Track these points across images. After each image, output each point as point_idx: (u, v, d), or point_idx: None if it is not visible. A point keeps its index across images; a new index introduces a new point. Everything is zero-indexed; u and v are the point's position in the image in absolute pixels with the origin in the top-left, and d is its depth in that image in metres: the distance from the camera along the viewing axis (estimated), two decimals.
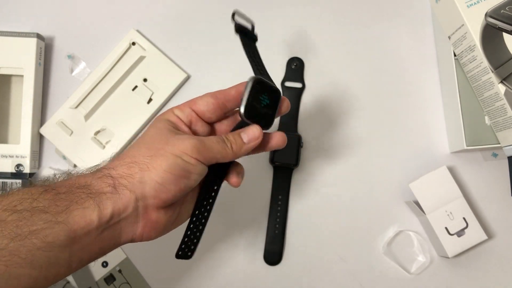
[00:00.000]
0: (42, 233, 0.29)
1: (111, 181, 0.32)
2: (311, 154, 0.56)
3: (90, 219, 0.31)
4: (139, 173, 0.33)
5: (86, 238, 0.31)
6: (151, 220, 0.34)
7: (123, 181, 0.32)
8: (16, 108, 0.57)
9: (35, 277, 0.29)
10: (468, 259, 0.54)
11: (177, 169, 0.33)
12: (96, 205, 0.31)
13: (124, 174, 0.33)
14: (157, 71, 0.57)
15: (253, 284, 0.54)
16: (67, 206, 0.30)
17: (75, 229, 0.30)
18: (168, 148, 0.33)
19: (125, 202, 0.32)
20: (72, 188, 0.31)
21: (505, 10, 0.48)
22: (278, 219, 0.55)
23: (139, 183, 0.32)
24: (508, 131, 0.48)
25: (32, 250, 0.28)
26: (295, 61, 0.57)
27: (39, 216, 0.29)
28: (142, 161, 0.33)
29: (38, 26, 0.58)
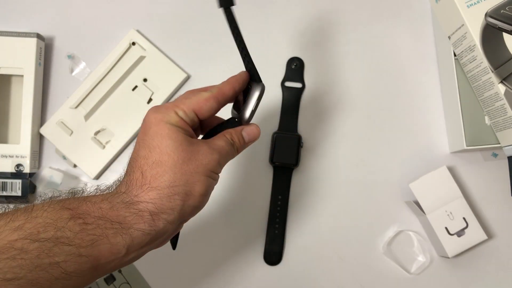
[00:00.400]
0: (62, 265, 0.28)
1: (149, 216, 0.31)
2: (311, 154, 0.56)
3: (118, 251, 0.30)
4: (179, 206, 0.32)
5: (110, 265, 0.30)
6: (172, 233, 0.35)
7: (164, 216, 0.32)
8: (16, 108, 0.57)
9: None
10: (468, 259, 0.54)
11: (210, 188, 0.34)
12: (128, 241, 0.30)
13: (166, 207, 0.32)
14: (157, 71, 0.57)
15: (253, 284, 0.54)
16: (94, 240, 0.29)
17: (100, 259, 0.29)
18: (202, 170, 0.33)
19: (162, 233, 0.32)
20: (102, 222, 0.30)
21: (505, 10, 0.48)
22: (278, 219, 0.55)
23: (179, 214, 0.32)
24: (508, 131, 0.48)
25: (51, 280, 0.27)
26: (295, 61, 0.57)
27: (62, 248, 0.28)
28: (182, 190, 0.32)
29: (38, 26, 0.58)
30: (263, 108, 0.57)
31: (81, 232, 0.29)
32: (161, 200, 0.31)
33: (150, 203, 0.31)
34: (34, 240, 0.27)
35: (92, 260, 0.29)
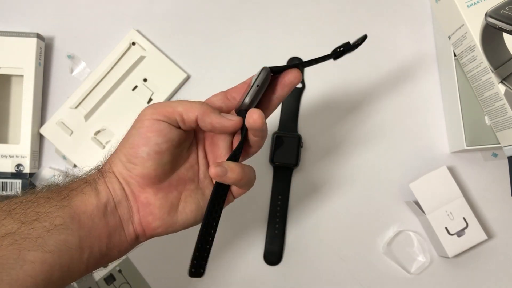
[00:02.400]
0: (49, 216, 0.29)
1: (99, 169, 0.34)
2: (311, 154, 0.56)
3: (90, 202, 0.31)
4: (113, 157, 0.34)
5: (90, 222, 0.31)
6: (141, 201, 0.33)
7: (106, 167, 0.34)
8: (16, 108, 0.57)
9: (50, 263, 0.28)
10: (468, 259, 0.54)
11: (134, 140, 0.32)
12: (93, 189, 0.32)
13: (108, 161, 0.34)
14: (157, 71, 0.57)
15: (253, 284, 0.54)
16: (68, 194, 0.31)
17: (78, 212, 0.31)
18: (133, 125, 0.33)
19: (112, 184, 0.33)
20: (71, 181, 0.33)
21: (505, 10, 0.48)
22: (278, 219, 0.55)
23: (115, 166, 0.33)
24: (508, 131, 0.48)
25: (42, 233, 0.29)
26: (295, 61, 0.57)
27: (45, 203, 0.30)
28: (115, 147, 0.34)
29: (38, 26, 0.58)
30: None
31: (58, 191, 0.32)
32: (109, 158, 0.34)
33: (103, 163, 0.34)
34: (20, 203, 0.30)
35: (71, 212, 0.30)
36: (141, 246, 0.53)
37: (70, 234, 0.30)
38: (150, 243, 0.56)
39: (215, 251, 0.55)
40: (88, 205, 0.31)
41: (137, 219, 0.34)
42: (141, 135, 0.32)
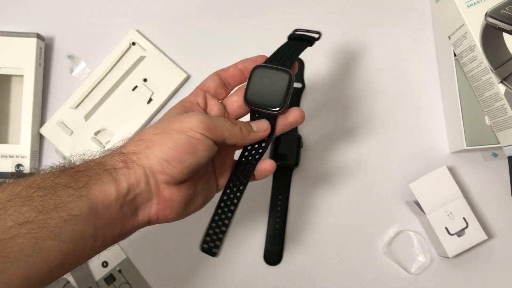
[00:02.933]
0: (67, 206, 0.29)
1: (122, 157, 0.33)
2: (311, 154, 0.56)
3: (110, 193, 0.32)
4: (144, 150, 0.34)
5: (107, 213, 0.31)
6: (164, 197, 0.34)
7: (133, 157, 0.33)
8: (16, 108, 0.57)
9: (64, 252, 0.29)
10: (468, 259, 0.54)
11: (181, 146, 0.33)
12: (113, 179, 0.32)
13: (133, 151, 0.34)
14: (157, 71, 0.57)
15: (253, 284, 0.54)
16: (87, 182, 0.31)
17: (96, 202, 0.31)
18: (173, 126, 0.34)
19: (137, 176, 0.33)
20: (89, 166, 0.32)
21: (505, 10, 0.48)
22: (278, 219, 0.55)
23: (146, 159, 0.33)
24: (508, 131, 0.48)
25: (59, 223, 0.29)
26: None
27: (62, 191, 0.30)
28: (148, 138, 0.34)
29: (38, 26, 0.58)
30: None
31: (75, 176, 0.31)
32: (130, 145, 0.34)
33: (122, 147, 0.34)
34: (37, 188, 0.29)
35: (90, 202, 0.31)
36: (141, 246, 0.53)
37: (86, 224, 0.30)
38: (150, 243, 0.56)
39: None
40: (107, 196, 0.31)
41: (154, 210, 0.35)
42: (191, 144, 0.33)
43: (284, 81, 0.38)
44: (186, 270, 0.55)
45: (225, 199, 0.38)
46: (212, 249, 0.37)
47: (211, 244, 0.37)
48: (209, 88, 0.39)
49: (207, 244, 0.37)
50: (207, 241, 0.37)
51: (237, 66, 0.40)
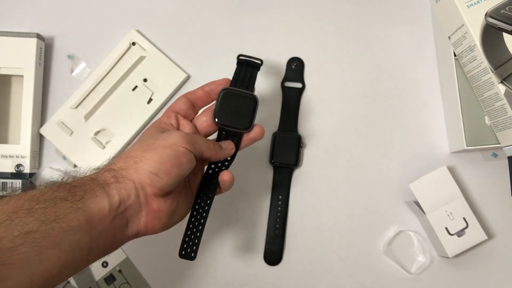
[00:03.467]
0: (66, 217, 0.32)
1: (113, 173, 0.36)
2: (311, 154, 0.56)
3: (103, 206, 0.34)
4: (133, 165, 0.37)
5: (101, 225, 0.34)
6: (153, 208, 0.37)
7: (123, 172, 0.37)
8: (16, 108, 0.57)
9: (63, 260, 0.32)
10: (468, 259, 0.54)
11: (168, 159, 0.37)
12: (106, 193, 0.35)
13: (122, 167, 0.37)
14: (157, 71, 0.57)
15: (253, 284, 0.55)
16: (82, 196, 0.34)
17: (92, 214, 0.34)
18: (158, 142, 0.38)
19: (128, 190, 0.36)
20: (83, 181, 0.35)
21: (505, 10, 0.48)
22: (278, 219, 0.55)
23: (135, 173, 0.36)
24: (508, 131, 0.48)
25: (60, 233, 0.31)
26: (295, 61, 0.57)
27: (61, 204, 0.32)
28: (136, 155, 0.37)
29: (38, 26, 0.58)
30: (263, 108, 0.57)
31: (71, 191, 0.34)
32: (119, 162, 0.37)
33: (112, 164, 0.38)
34: (38, 201, 0.32)
35: (86, 214, 0.33)
36: (141, 246, 0.54)
37: (83, 235, 0.33)
38: (150, 243, 0.56)
39: (216, 250, 0.55)
40: (101, 208, 0.34)
41: (143, 221, 0.38)
42: (176, 157, 0.37)
43: (251, 104, 0.44)
44: (186, 270, 0.55)
45: (196, 209, 0.43)
46: (190, 254, 0.42)
47: (188, 250, 0.42)
48: (180, 110, 0.44)
49: (184, 251, 0.42)
50: (184, 248, 0.42)
51: (204, 89, 0.45)
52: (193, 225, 0.42)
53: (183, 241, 0.42)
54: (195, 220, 0.42)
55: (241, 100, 0.44)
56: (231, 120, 0.44)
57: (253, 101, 0.44)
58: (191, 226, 0.42)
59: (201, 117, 0.45)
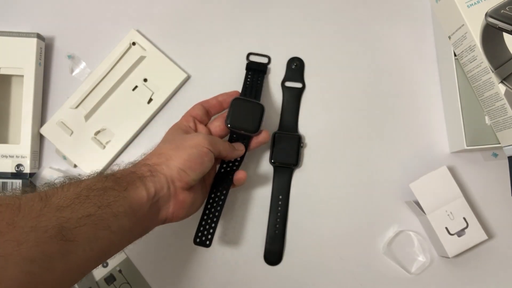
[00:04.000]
0: (115, 204, 0.37)
1: (148, 168, 0.42)
2: (311, 154, 0.56)
3: (142, 195, 0.40)
4: (165, 162, 0.42)
5: (140, 211, 0.40)
6: (179, 199, 0.43)
7: (157, 167, 0.42)
8: (16, 108, 0.57)
9: (112, 240, 0.37)
10: (468, 259, 0.54)
11: (194, 158, 0.43)
12: (143, 185, 0.40)
13: (156, 162, 0.43)
14: (157, 71, 0.57)
15: (253, 284, 0.55)
16: (126, 187, 0.39)
17: (133, 203, 0.39)
18: (186, 143, 0.44)
19: (161, 183, 0.41)
20: (125, 174, 0.41)
21: (505, 10, 0.48)
22: (278, 219, 0.55)
23: (167, 168, 0.42)
24: (508, 131, 0.48)
25: (111, 217, 0.37)
26: (295, 61, 0.57)
27: (111, 192, 0.38)
28: (167, 153, 0.43)
29: (38, 26, 0.58)
30: None
31: (116, 182, 0.39)
32: (152, 158, 0.43)
33: (146, 159, 0.44)
34: (92, 189, 0.37)
35: (129, 202, 0.38)
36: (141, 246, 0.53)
37: (127, 219, 0.38)
38: (151, 243, 0.56)
39: (216, 250, 0.55)
40: (140, 197, 0.40)
41: (171, 210, 0.43)
42: (201, 157, 0.44)
43: (258, 111, 0.51)
44: (186, 270, 0.55)
45: (211, 202, 0.49)
46: (205, 242, 0.48)
47: (203, 238, 0.48)
48: (197, 115, 0.50)
49: (199, 238, 0.48)
50: (199, 236, 0.48)
51: (218, 99, 0.51)
52: (208, 216, 0.49)
53: (198, 229, 0.48)
54: (210, 212, 0.49)
55: (250, 107, 0.51)
56: (241, 124, 0.50)
57: (261, 109, 0.51)
58: (206, 217, 0.49)
59: (215, 123, 0.51)
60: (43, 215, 0.33)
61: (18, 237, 0.31)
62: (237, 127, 0.50)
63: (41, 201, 0.34)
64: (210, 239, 0.48)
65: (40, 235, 0.32)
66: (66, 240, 0.33)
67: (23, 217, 0.32)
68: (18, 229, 0.31)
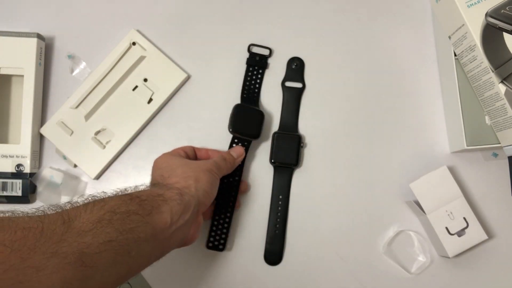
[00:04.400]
0: (137, 229, 0.37)
1: (177, 191, 0.42)
2: (311, 154, 0.56)
3: (166, 221, 0.40)
4: (194, 184, 0.44)
5: (162, 235, 0.40)
6: (198, 221, 0.45)
7: (186, 190, 0.43)
8: (17, 108, 0.57)
9: (130, 265, 0.37)
10: (468, 259, 0.54)
11: (212, 181, 0.46)
12: (169, 210, 0.40)
13: (185, 185, 0.43)
14: (157, 71, 0.57)
15: (253, 284, 0.54)
16: (150, 211, 0.39)
17: (156, 228, 0.39)
18: (203, 167, 0.46)
19: (189, 205, 0.42)
20: (151, 196, 0.40)
21: (505, 10, 0.48)
22: (278, 219, 0.55)
23: (196, 191, 0.43)
24: (508, 131, 0.48)
25: (131, 243, 0.37)
26: (295, 61, 0.57)
27: (133, 217, 0.38)
28: (192, 175, 0.44)
29: (38, 26, 0.58)
30: (263, 108, 0.57)
31: (141, 205, 0.39)
32: (180, 182, 0.44)
33: (175, 184, 0.43)
34: (115, 213, 0.37)
35: (151, 228, 0.39)
36: None
37: (147, 245, 0.38)
38: None
39: (216, 250, 0.55)
40: (164, 222, 0.40)
41: (191, 232, 0.45)
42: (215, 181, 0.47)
43: (259, 118, 0.54)
44: (186, 270, 0.55)
45: (220, 208, 0.53)
46: (218, 246, 0.53)
47: (216, 243, 0.52)
48: (188, 152, 0.52)
49: (212, 243, 0.52)
50: (211, 240, 0.52)
51: (207, 152, 0.53)
52: (218, 221, 0.53)
53: (210, 234, 0.52)
54: (220, 218, 0.53)
55: (251, 114, 0.54)
56: (243, 129, 0.53)
57: (261, 115, 0.54)
58: (216, 222, 0.53)
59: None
60: (64, 240, 0.33)
61: (38, 263, 0.31)
62: (239, 132, 0.53)
63: (64, 224, 0.34)
64: (223, 243, 0.52)
65: (60, 261, 0.32)
66: (85, 266, 0.33)
67: (45, 242, 0.32)
68: (39, 254, 0.31)
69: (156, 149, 0.57)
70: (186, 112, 0.57)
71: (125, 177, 0.57)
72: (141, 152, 0.57)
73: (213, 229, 0.52)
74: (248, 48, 0.57)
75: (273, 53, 0.58)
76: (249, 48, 0.58)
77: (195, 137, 0.57)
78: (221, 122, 0.56)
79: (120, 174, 0.57)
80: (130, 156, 0.57)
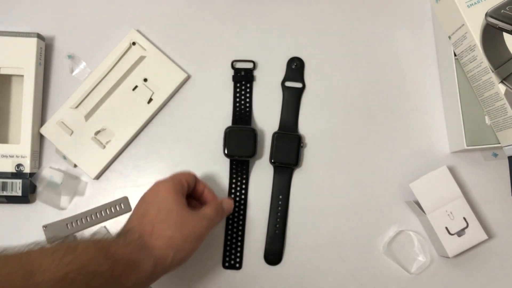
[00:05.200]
0: None
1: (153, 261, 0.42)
2: (311, 154, 0.56)
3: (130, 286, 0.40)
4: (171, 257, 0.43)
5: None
6: None
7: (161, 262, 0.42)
8: (17, 108, 0.57)
9: None
10: (468, 259, 0.54)
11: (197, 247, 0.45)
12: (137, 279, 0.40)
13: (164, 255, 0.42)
14: (157, 71, 0.57)
15: (253, 284, 0.54)
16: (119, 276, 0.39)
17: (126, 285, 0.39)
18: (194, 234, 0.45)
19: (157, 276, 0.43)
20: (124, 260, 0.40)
21: (505, 10, 0.48)
22: (278, 219, 0.55)
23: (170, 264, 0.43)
24: (508, 131, 0.48)
25: None
26: (295, 61, 0.57)
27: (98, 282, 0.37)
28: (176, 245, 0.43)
29: (38, 26, 0.58)
30: (264, 108, 0.57)
31: (112, 267, 0.38)
32: (161, 248, 0.42)
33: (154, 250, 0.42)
34: (81, 273, 0.36)
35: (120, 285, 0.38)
36: None
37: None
38: None
39: (216, 250, 0.55)
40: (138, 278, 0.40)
41: None
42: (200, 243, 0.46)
43: (252, 136, 0.54)
44: (186, 270, 0.55)
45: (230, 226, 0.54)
46: (235, 265, 0.54)
47: (232, 262, 0.54)
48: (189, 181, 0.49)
49: (228, 263, 0.54)
50: (227, 260, 0.54)
51: (204, 189, 0.51)
52: (231, 242, 0.54)
53: (225, 254, 0.54)
54: (232, 238, 0.54)
55: (243, 134, 0.54)
56: (238, 152, 0.53)
57: (253, 133, 0.54)
58: (229, 243, 0.54)
59: None
60: None
61: None
62: (235, 154, 0.53)
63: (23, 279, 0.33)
64: (239, 262, 0.54)
65: None
66: None
67: None
68: None
69: (156, 149, 0.57)
70: (186, 112, 0.57)
71: (125, 177, 0.57)
72: (141, 152, 0.57)
73: (227, 248, 0.54)
74: (232, 64, 0.57)
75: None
76: (232, 64, 0.57)
77: (194, 137, 0.57)
78: (221, 122, 0.56)
79: (120, 174, 0.57)
80: (130, 156, 0.57)
